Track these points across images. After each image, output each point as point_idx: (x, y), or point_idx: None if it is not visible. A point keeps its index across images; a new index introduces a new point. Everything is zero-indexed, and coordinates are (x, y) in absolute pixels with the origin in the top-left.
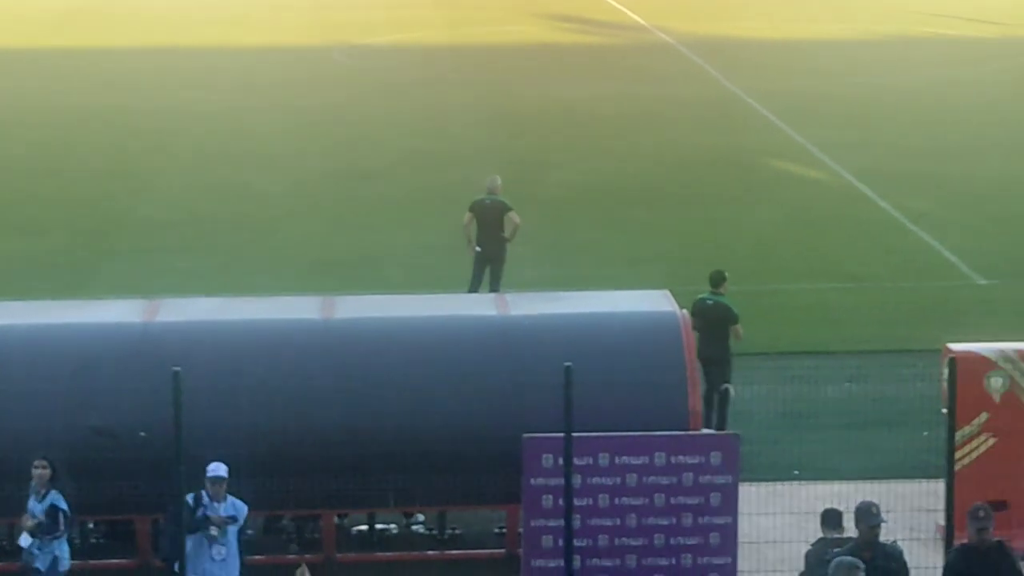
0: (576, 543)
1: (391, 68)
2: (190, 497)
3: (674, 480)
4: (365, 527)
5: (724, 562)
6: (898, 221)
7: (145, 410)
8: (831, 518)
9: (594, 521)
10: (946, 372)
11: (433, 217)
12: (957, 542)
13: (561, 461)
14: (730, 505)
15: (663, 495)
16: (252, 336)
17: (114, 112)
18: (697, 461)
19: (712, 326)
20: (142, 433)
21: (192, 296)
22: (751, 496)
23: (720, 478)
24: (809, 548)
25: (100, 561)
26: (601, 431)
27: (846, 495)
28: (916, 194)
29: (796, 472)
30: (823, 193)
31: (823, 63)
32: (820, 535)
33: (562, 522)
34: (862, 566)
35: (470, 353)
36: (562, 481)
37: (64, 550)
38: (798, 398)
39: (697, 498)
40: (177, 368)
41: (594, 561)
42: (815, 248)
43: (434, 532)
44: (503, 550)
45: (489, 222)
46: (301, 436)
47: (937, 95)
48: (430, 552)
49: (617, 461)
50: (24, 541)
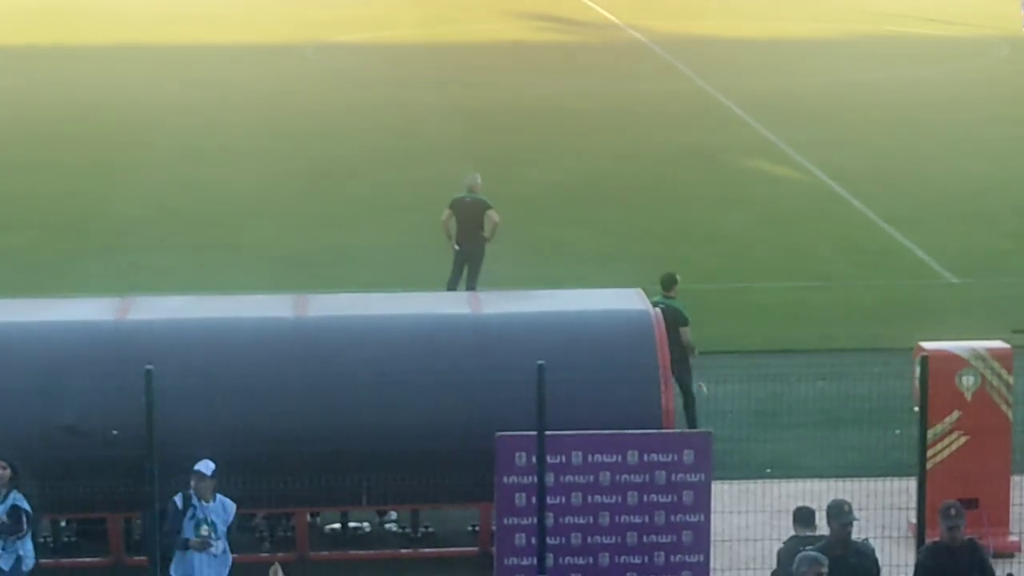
0: (549, 541)
1: (364, 66)
2: (178, 498)
3: (647, 478)
4: (338, 525)
5: (697, 560)
6: (870, 219)
7: (117, 409)
8: (803, 516)
9: (567, 519)
10: (918, 370)
11: (406, 215)
12: (929, 540)
13: (534, 459)
14: (703, 503)
15: (636, 493)
16: (224, 334)
17: (86, 109)
18: (670, 459)
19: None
20: (114, 432)
21: (164, 294)
22: (724, 494)
23: (693, 476)
24: (781, 546)
25: (72, 560)
26: (574, 429)
27: (818, 493)
28: (888, 192)
29: (768, 470)
30: (795, 191)
31: (796, 61)
32: (792, 533)
33: (535, 520)
34: (825, 561)
35: (443, 351)
36: (535, 479)
37: (28, 549)
38: (770, 396)
39: (670, 496)
40: (149, 367)
41: (567, 559)
42: (787, 246)
43: (407, 530)
44: (476, 548)
45: (468, 220)
46: (273, 434)
47: (909, 93)
48: (403, 550)
49: (590, 459)
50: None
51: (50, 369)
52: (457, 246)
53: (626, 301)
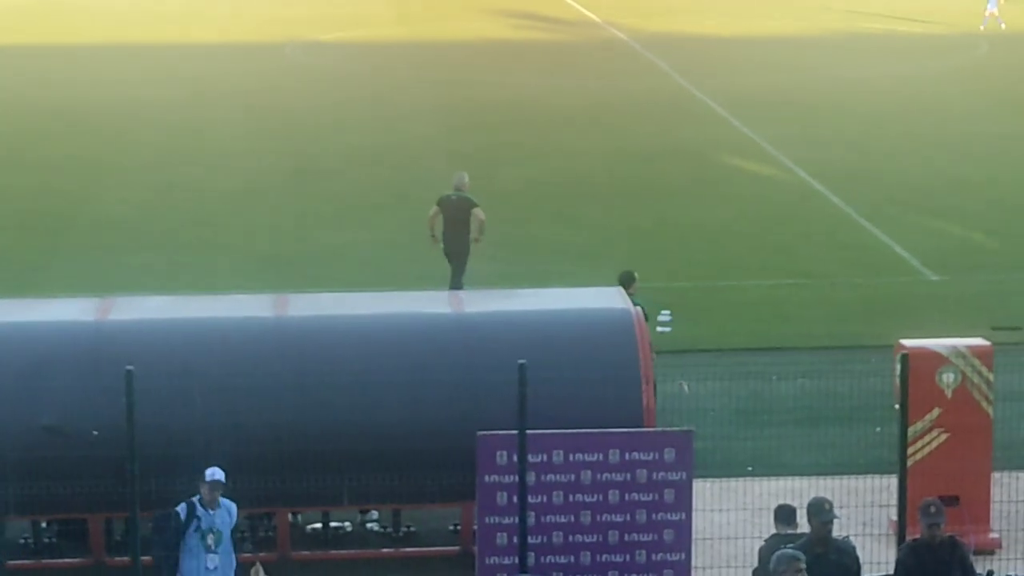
0: (530, 540)
1: (344, 64)
2: (181, 510)
3: (628, 477)
4: (319, 525)
5: (678, 558)
6: (850, 217)
7: (98, 409)
8: (784, 514)
9: (548, 518)
10: (898, 368)
11: (386, 213)
12: (909, 537)
13: (515, 458)
14: (684, 501)
15: (617, 492)
16: (205, 334)
17: (66, 107)
18: (651, 458)
19: None
20: (94, 432)
21: (145, 294)
22: (705, 492)
23: (674, 474)
24: (763, 544)
25: (53, 560)
26: (555, 428)
27: (799, 491)
28: (868, 190)
29: (750, 468)
30: (775, 189)
31: (775, 59)
32: (774, 531)
33: (516, 519)
34: (803, 558)
35: (424, 351)
36: (516, 478)
37: None
38: (752, 394)
39: (651, 494)
40: (130, 367)
41: (548, 558)
42: (768, 244)
43: (389, 530)
44: (457, 547)
45: (454, 218)
46: (254, 434)
47: (888, 91)
48: (385, 550)
49: (571, 458)
50: None
51: (31, 369)
52: (442, 244)
53: (607, 300)
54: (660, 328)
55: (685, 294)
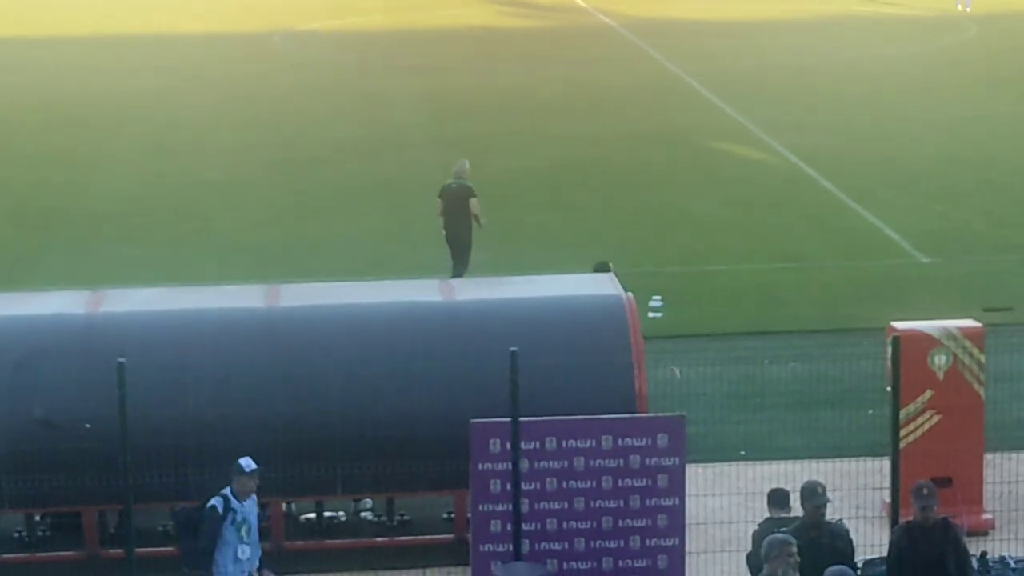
0: (524, 527)
1: (333, 53)
2: (218, 503)
3: (621, 463)
4: (313, 515)
5: (672, 543)
6: (840, 200)
7: (89, 401)
8: (777, 498)
9: (542, 505)
10: (890, 350)
11: (376, 202)
12: (903, 519)
13: (508, 446)
14: (677, 487)
15: (610, 478)
16: (197, 325)
17: (55, 101)
18: (644, 443)
19: None
20: (87, 424)
21: (136, 286)
22: (698, 477)
23: (667, 460)
24: (756, 528)
25: (47, 554)
26: (548, 415)
27: (792, 474)
28: (857, 173)
29: (742, 452)
30: (766, 174)
31: (764, 44)
32: (767, 515)
33: (510, 507)
34: (794, 542)
35: (416, 339)
36: (510, 466)
37: None
38: (743, 379)
39: (644, 480)
40: (122, 359)
41: (543, 545)
42: (758, 228)
43: (383, 518)
44: (452, 535)
45: (453, 205)
46: (247, 424)
47: (877, 74)
48: (379, 539)
49: (564, 445)
50: None
51: (22, 363)
52: (444, 231)
53: (598, 286)
54: (651, 314)
55: (675, 279)
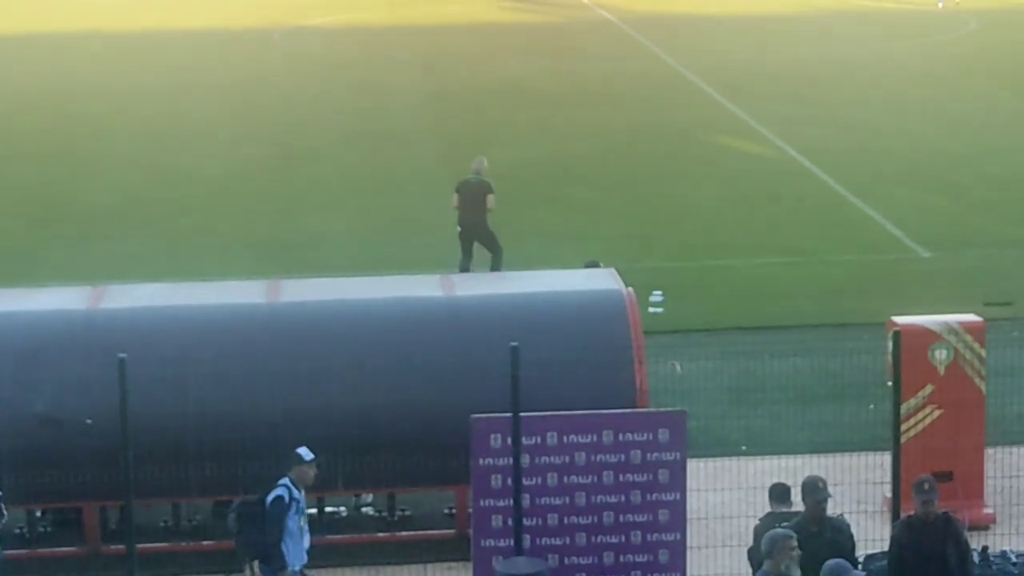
0: (525, 522)
1: (332, 49)
2: (283, 493)
3: (622, 458)
4: (314, 510)
5: (673, 538)
6: (840, 194)
7: (91, 397)
8: (779, 492)
9: (543, 500)
10: (891, 345)
11: (376, 198)
12: (904, 514)
13: (509, 441)
14: (678, 481)
15: (611, 473)
16: (198, 321)
17: (56, 97)
18: (645, 438)
19: None
20: (88, 420)
21: (137, 282)
22: (699, 472)
23: (668, 455)
24: (758, 523)
25: (49, 549)
26: (549, 410)
27: (793, 469)
28: (858, 167)
29: (743, 447)
30: (765, 168)
31: (763, 37)
32: (768, 510)
33: (511, 502)
34: (794, 535)
35: (417, 334)
36: (510, 461)
37: None
38: (744, 373)
39: (645, 475)
40: (123, 355)
41: (544, 540)
42: (758, 223)
43: (384, 514)
44: (453, 530)
45: (471, 201)
46: (248, 420)
47: (877, 68)
48: (380, 534)
49: (565, 440)
50: None
51: (23, 358)
52: (459, 227)
53: (599, 281)
54: (652, 308)
55: (676, 274)
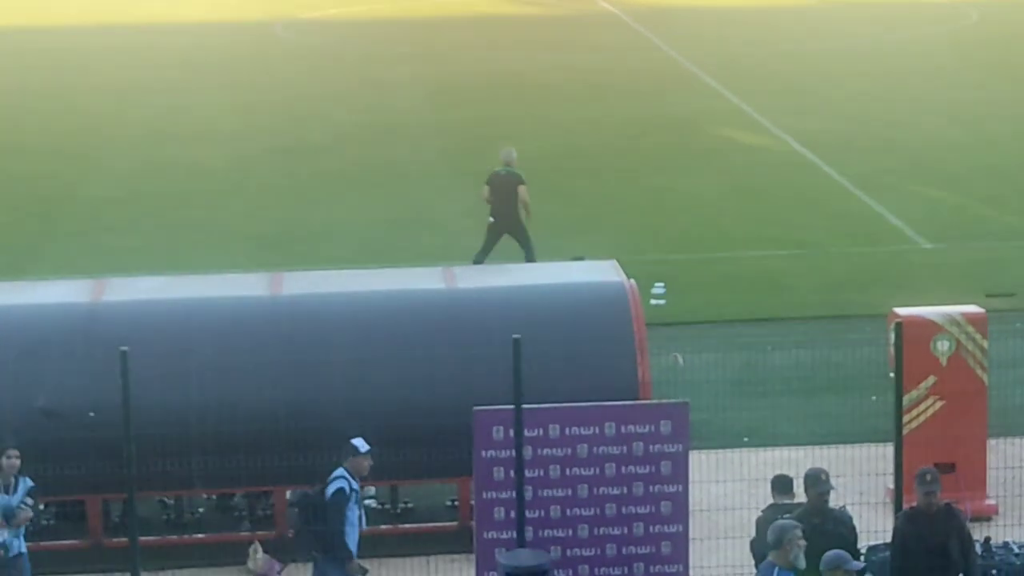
0: (528, 514)
1: (334, 42)
2: (343, 484)
3: (624, 450)
4: None
5: (676, 530)
6: (842, 186)
7: (93, 390)
8: (781, 484)
9: (545, 492)
10: (893, 336)
11: (379, 191)
12: (906, 505)
13: (512, 433)
14: (681, 473)
15: (614, 465)
16: (200, 314)
17: (57, 90)
18: (647, 430)
19: None
20: (91, 413)
21: (139, 275)
22: (702, 464)
23: (670, 447)
24: (760, 514)
25: (51, 543)
26: (551, 402)
27: (796, 461)
28: (860, 159)
29: (746, 439)
30: (767, 160)
31: (765, 29)
32: (771, 501)
33: (514, 494)
34: (799, 526)
35: (419, 327)
36: (513, 453)
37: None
38: (747, 365)
39: (648, 467)
40: (125, 348)
41: (546, 532)
42: (760, 215)
43: (386, 506)
44: (456, 523)
45: (503, 194)
46: (251, 413)
47: (878, 59)
48: (383, 526)
49: (567, 432)
50: (8, 536)
51: (25, 352)
52: (492, 219)
53: (601, 273)
54: (654, 300)
55: (678, 266)
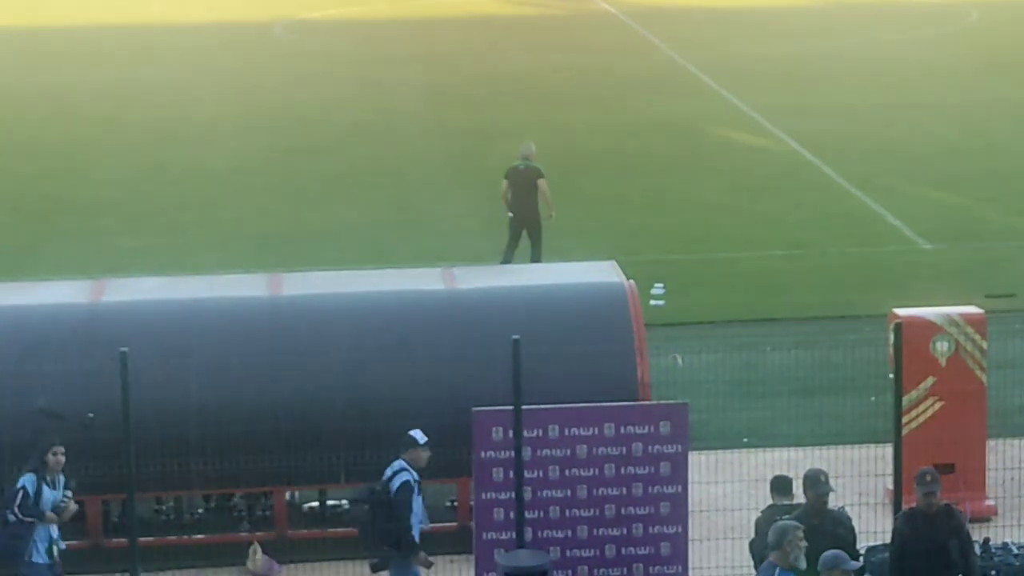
0: (527, 515)
1: (334, 42)
2: (408, 477)
3: (624, 450)
4: (316, 504)
5: (675, 531)
6: (842, 186)
7: (92, 391)
8: (780, 485)
9: (545, 493)
10: (892, 337)
11: (379, 191)
12: (906, 506)
13: (511, 434)
14: (680, 474)
15: (613, 465)
16: (199, 315)
17: (57, 90)
18: (646, 431)
19: None
20: (90, 414)
21: (138, 275)
22: (701, 464)
23: (670, 447)
24: (759, 515)
25: None
26: (550, 403)
27: (795, 461)
28: (859, 159)
29: (745, 440)
30: (766, 160)
31: (764, 29)
32: (770, 502)
33: (513, 494)
34: (801, 527)
35: (418, 328)
36: (512, 454)
37: None
38: (746, 366)
39: (647, 468)
40: (124, 348)
41: (545, 532)
42: (760, 215)
43: None
44: (455, 523)
45: (522, 188)
46: (250, 414)
47: (878, 59)
48: None
49: (567, 432)
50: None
51: (25, 352)
52: (511, 213)
53: (600, 274)
54: (653, 301)
55: (678, 267)
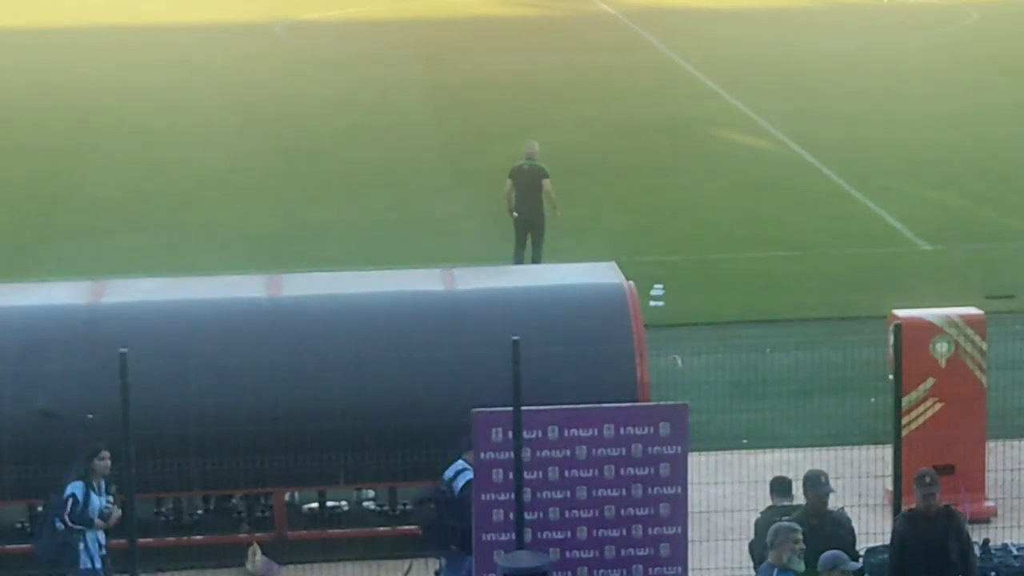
0: (527, 516)
1: (333, 43)
2: (471, 476)
3: (623, 452)
4: (316, 505)
5: (675, 532)
6: (842, 188)
7: (92, 392)
8: (780, 486)
9: (544, 494)
10: (892, 338)
11: (378, 192)
12: (905, 507)
13: (510, 435)
14: (680, 475)
15: (613, 467)
16: (199, 316)
17: (56, 91)
18: (646, 432)
19: None
20: (89, 415)
21: (138, 276)
22: (701, 465)
23: (669, 448)
24: (759, 516)
25: None
26: (550, 404)
27: (795, 462)
28: (859, 160)
29: (744, 441)
30: (766, 161)
31: (764, 31)
32: (769, 503)
33: (512, 496)
34: (799, 528)
35: (418, 329)
36: (512, 455)
37: None
38: (746, 367)
39: (647, 469)
40: (124, 349)
41: (545, 534)
42: (760, 216)
43: (385, 508)
44: None
45: (527, 187)
46: (249, 415)
47: (878, 61)
48: (381, 528)
49: (566, 434)
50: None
51: (24, 353)
52: (516, 213)
53: (600, 275)
54: (653, 302)
55: (677, 267)
